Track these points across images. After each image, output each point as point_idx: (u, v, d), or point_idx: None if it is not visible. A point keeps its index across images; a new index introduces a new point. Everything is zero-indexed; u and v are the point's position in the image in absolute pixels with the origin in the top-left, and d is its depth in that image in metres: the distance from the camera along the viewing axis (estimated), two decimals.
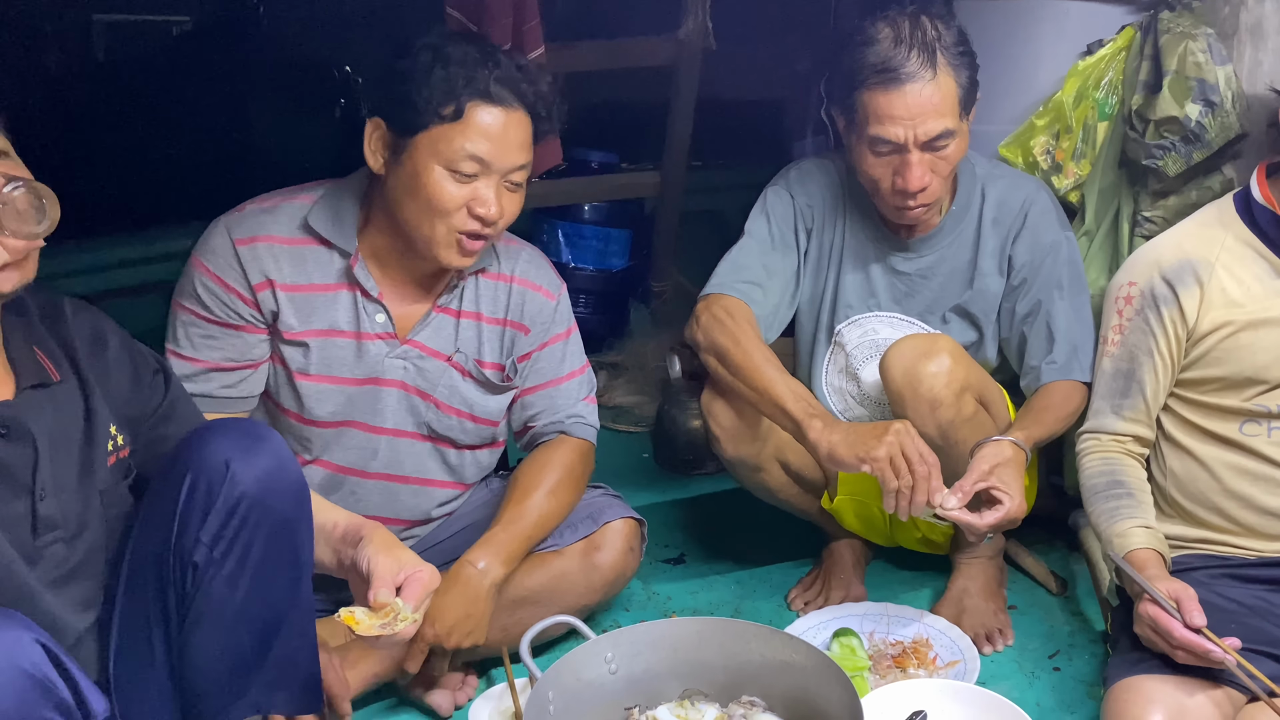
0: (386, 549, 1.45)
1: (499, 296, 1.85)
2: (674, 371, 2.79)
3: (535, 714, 1.44)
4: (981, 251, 1.97)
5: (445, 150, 1.63)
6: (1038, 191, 1.99)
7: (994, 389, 1.95)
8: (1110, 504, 1.74)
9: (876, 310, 2.02)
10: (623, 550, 1.89)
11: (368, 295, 1.76)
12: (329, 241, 1.75)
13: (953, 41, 1.81)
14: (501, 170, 1.66)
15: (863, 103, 1.81)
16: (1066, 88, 2.13)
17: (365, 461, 1.81)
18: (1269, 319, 1.68)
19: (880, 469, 1.69)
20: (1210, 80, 1.96)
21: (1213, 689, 1.53)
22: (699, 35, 2.88)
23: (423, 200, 1.66)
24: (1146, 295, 1.75)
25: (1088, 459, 1.81)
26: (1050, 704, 1.81)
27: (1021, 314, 1.96)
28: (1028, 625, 2.02)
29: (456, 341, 1.82)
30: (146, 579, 1.38)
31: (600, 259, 3.30)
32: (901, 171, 1.82)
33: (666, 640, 1.58)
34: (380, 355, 1.78)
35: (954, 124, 1.80)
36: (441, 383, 1.81)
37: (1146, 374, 1.76)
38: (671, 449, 2.73)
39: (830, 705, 1.46)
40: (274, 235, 1.73)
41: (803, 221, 2.02)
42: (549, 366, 1.91)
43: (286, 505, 1.39)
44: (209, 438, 1.38)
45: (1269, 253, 1.70)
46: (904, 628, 1.90)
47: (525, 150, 1.69)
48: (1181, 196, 2.03)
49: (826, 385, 2.09)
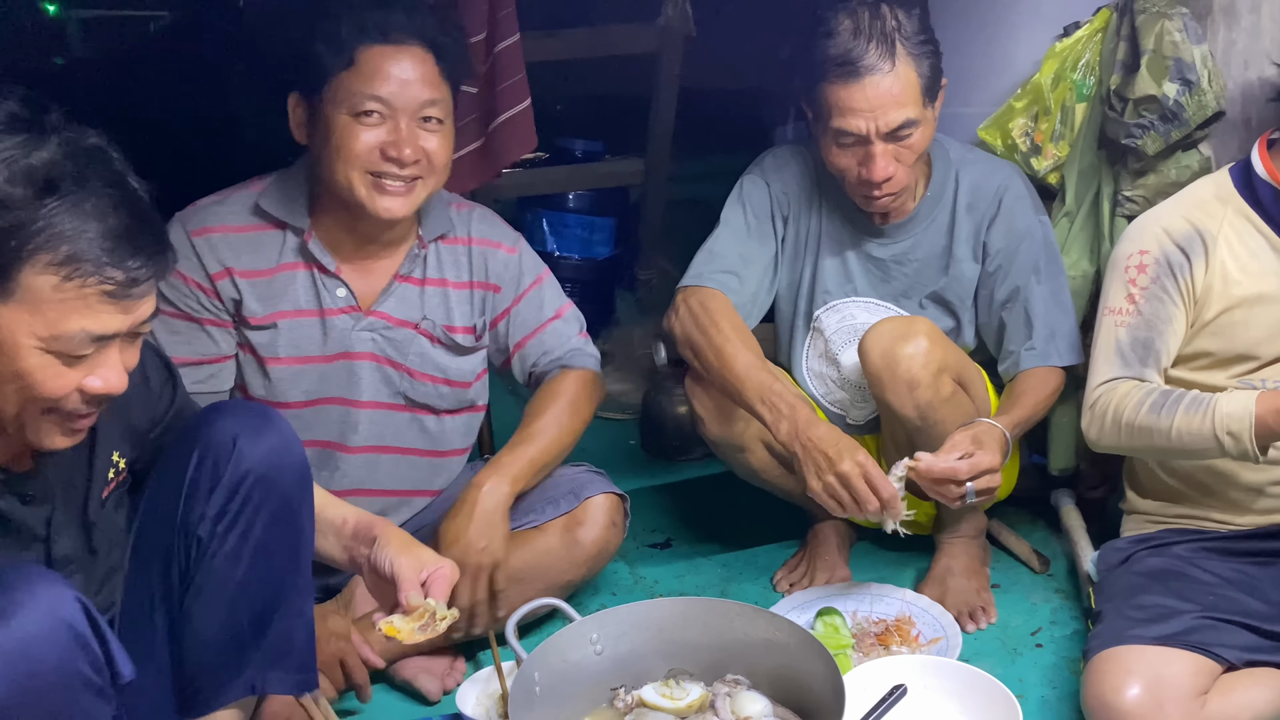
0: (405, 549, 1.47)
1: (460, 260, 1.88)
2: (660, 358, 2.80)
3: (521, 696, 1.46)
4: (956, 237, 1.98)
5: (346, 99, 1.66)
6: (1012, 177, 2.00)
7: (972, 369, 1.97)
8: (1187, 402, 1.63)
9: (854, 295, 2.03)
10: (605, 525, 1.90)
11: (325, 271, 1.78)
12: (282, 222, 1.78)
13: (913, 31, 1.82)
14: (408, 108, 1.68)
15: (825, 96, 1.83)
16: (1044, 69, 2.14)
17: (347, 436, 1.83)
18: (1264, 295, 1.69)
19: (819, 500, 1.75)
20: (1187, 59, 1.97)
21: (1190, 659, 1.55)
22: (680, 22, 2.89)
23: (336, 151, 1.69)
24: (1162, 263, 1.73)
25: (1118, 396, 1.70)
26: (1033, 680, 1.83)
27: (999, 300, 1.98)
28: (1011, 603, 2.03)
29: (423, 309, 1.84)
30: (152, 553, 1.41)
31: (585, 247, 3.31)
32: (866, 162, 1.83)
33: (651, 621, 1.59)
34: (347, 329, 1.80)
35: (916, 113, 1.82)
36: (412, 350, 1.83)
37: (1168, 341, 1.73)
38: (658, 435, 2.75)
39: (813, 682, 1.47)
40: (226, 224, 1.76)
41: (779, 209, 2.03)
42: (531, 315, 1.94)
43: (290, 485, 1.41)
44: (217, 416, 1.41)
45: (1267, 229, 1.71)
46: (887, 606, 1.92)
47: (431, 86, 1.69)
48: (1160, 175, 2.04)
49: (807, 370, 2.10)
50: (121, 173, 1.20)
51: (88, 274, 1.14)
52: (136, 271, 1.17)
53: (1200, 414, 1.61)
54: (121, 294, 1.17)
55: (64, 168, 1.15)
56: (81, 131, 1.19)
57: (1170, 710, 1.51)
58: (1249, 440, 1.58)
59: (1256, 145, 1.74)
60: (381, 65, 1.66)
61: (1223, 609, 1.63)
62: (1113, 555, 1.83)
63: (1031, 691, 1.80)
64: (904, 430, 1.91)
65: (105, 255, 1.15)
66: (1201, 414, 1.61)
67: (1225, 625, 1.61)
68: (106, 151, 1.20)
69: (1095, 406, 1.72)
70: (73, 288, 1.14)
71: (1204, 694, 1.55)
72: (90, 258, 1.14)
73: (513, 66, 2.25)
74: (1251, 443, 1.57)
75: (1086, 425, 1.74)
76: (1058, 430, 2.13)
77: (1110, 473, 2.13)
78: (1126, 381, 1.72)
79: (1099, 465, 2.16)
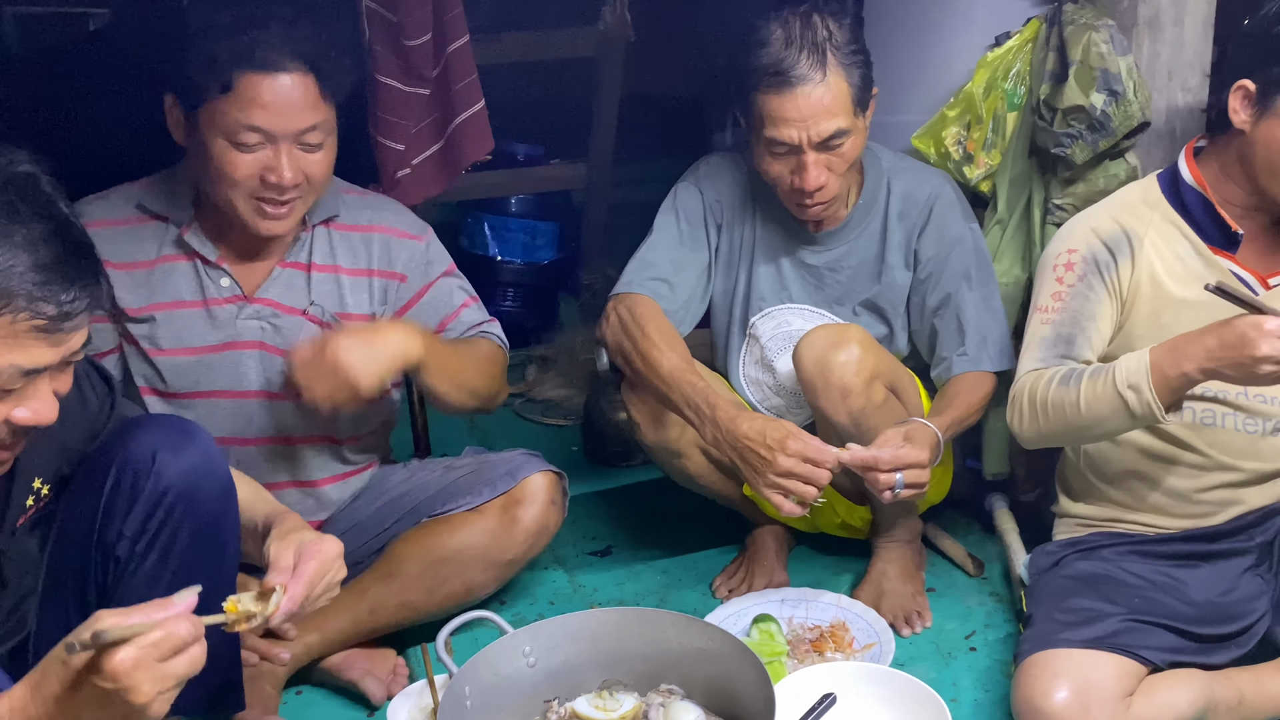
0: (283, 536, 1.41)
1: (359, 247, 1.85)
2: (602, 364, 2.77)
3: (451, 711, 1.44)
4: (888, 245, 2.00)
5: (222, 124, 1.64)
6: (942, 185, 2.02)
7: (905, 376, 1.99)
8: (1091, 370, 1.65)
9: (789, 302, 2.04)
10: (544, 503, 1.89)
11: (207, 261, 1.77)
12: (163, 216, 1.76)
13: (844, 40, 1.83)
14: (287, 134, 1.66)
15: (757, 105, 1.83)
16: (976, 79, 2.17)
17: (242, 428, 1.80)
18: (1188, 300, 1.71)
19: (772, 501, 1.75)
20: (1113, 70, 2.01)
21: (1116, 661, 1.58)
22: (619, 27, 2.89)
23: (214, 173, 1.67)
24: (1089, 261, 1.74)
25: (1032, 381, 1.71)
26: (966, 683, 1.85)
27: (931, 307, 2.00)
28: (945, 607, 2.06)
29: (310, 294, 1.82)
30: (68, 574, 1.37)
31: (527, 252, 3.29)
32: (798, 171, 1.85)
33: (585, 632, 1.59)
34: (231, 318, 1.78)
35: (848, 123, 1.83)
36: (299, 338, 1.80)
37: (1091, 336, 1.74)
38: (600, 441, 2.74)
39: (745, 690, 1.47)
40: (103, 218, 1.75)
41: (712, 216, 2.03)
42: (443, 302, 1.92)
43: (212, 501, 1.38)
44: (136, 432, 1.37)
45: (1193, 234, 1.74)
46: (822, 612, 1.93)
47: (311, 110, 1.66)
48: (1089, 184, 2.07)
49: (744, 377, 2.11)
50: (54, 200, 1.16)
51: (18, 309, 1.11)
52: (69, 305, 1.14)
53: (1103, 377, 1.61)
54: (53, 328, 1.14)
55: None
56: (12, 154, 1.15)
57: (1096, 713, 1.54)
58: (1148, 390, 1.57)
59: (1183, 153, 1.78)
60: (260, 93, 1.62)
61: (1148, 611, 1.66)
62: (1044, 559, 1.85)
63: (965, 695, 1.82)
64: (838, 437, 1.92)
65: (36, 289, 1.11)
66: (1104, 377, 1.61)
67: (1150, 627, 1.64)
68: (38, 178, 1.16)
69: (1015, 398, 1.74)
70: (3, 324, 1.11)
71: (1129, 695, 1.58)
72: (21, 293, 1.10)
73: (465, 67, 2.23)
74: (1151, 392, 1.56)
75: (1010, 417, 1.75)
76: (991, 435, 2.16)
77: (1043, 477, 2.16)
78: (1040, 371, 1.73)
79: (1032, 469, 2.19)
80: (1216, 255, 1.73)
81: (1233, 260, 1.73)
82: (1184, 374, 1.56)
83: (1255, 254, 1.75)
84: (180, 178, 1.79)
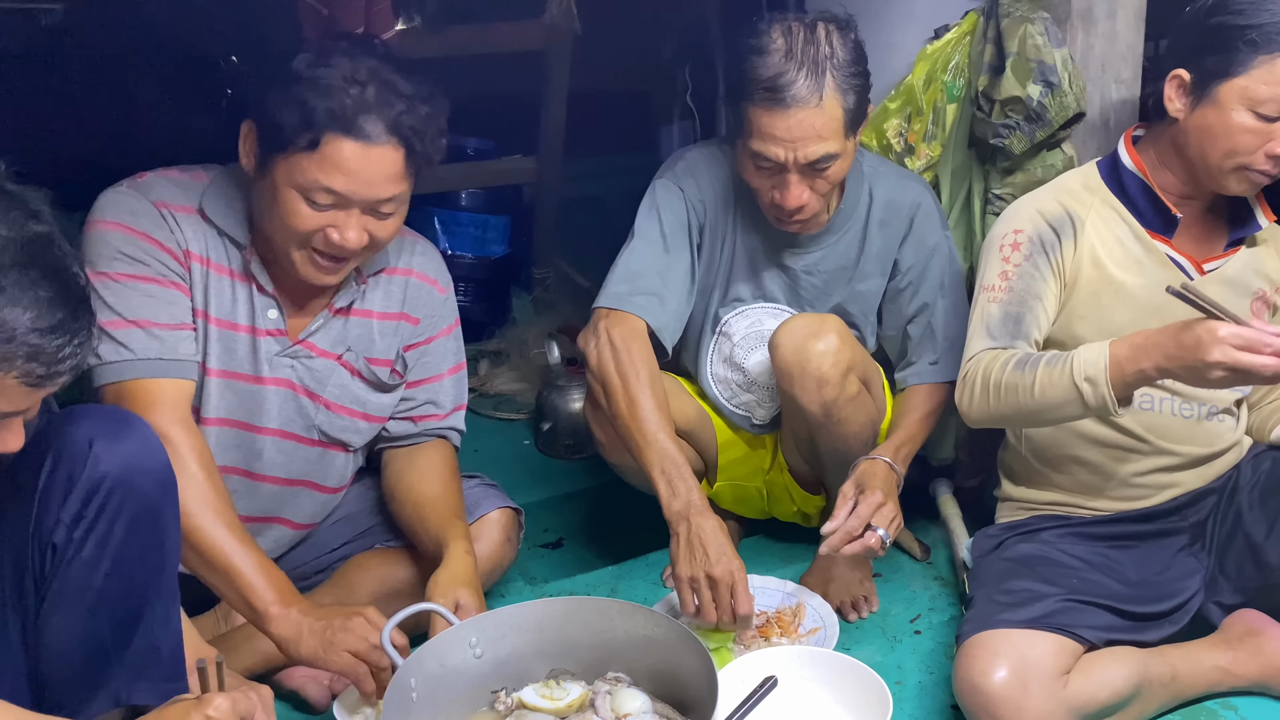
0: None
1: (392, 291, 1.82)
2: (553, 357, 2.80)
3: (397, 702, 1.44)
4: (866, 252, 1.99)
5: (299, 179, 1.58)
6: (923, 194, 2.02)
7: (874, 370, 2.01)
8: (1048, 357, 1.64)
9: (764, 302, 2.03)
10: (500, 541, 1.89)
11: (262, 290, 1.71)
12: (222, 230, 1.70)
13: (846, 60, 1.77)
14: (362, 203, 1.60)
15: (749, 116, 1.78)
16: (916, 71, 2.19)
17: (249, 462, 1.76)
18: (1128, 283, 1.75)
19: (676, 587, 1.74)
20: (1049, 62, 2.04)
21: (1053, 640, 1.61)
22: (565, 20, 2.89)
23: (279, 219, 1.62)
24: (1035, 241, 1.75)
25: (985, 362, 1.71)
26: (910, 666, 1.88)
27: (908, 315, 2.01)
28: (891, 591, 2.09)
29: (347, 340, 1.78)
30: (3, 564, 1.35)
31: (479, 246, 3.28)
32: (780, 188, 1.82)
33: (532, 621, 1.59)
34: (270, 353, 1.73)
35: (837, 147, 1.79)
36: (331, 382, 1.77)
37: (1039, 316, 1.74)
38: (552, 435, 2.74)
39: (690, 676, 1.49)
40: (184, 205, 1.68)
41: (694, 215, 1.97)
42: (436, 360, 1.89)
43: (151, 489, 1.36)
44: (72, 420, 1.35)
45: (1132, 219, 1.77)
46: (769, 598, 1.95)
47: (391, 183, 1.60)
48: (1027, 174, 2.11)
49: (710, 374, 2.09)
50: (65, 261, 1.19)
51: (11, 366, 1.14)
52: (60, 365, 1.17)
53: (1060, 366, 1.62)
54: (41, 383, 1.17)
55: (8, 258, 1.13)
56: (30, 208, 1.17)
57: (1034, 690, 1.57)
58: (1105, 384, 1.57)
59: (1123, 139, 1.82)
60: (346, 160, 1.55)
61: (1085, 591, 1.69)
62: (986, 542, 1.88)
63: (909, 677, 1.85)
64: (806, 426, 1.93)
65: (33, 349, 1.15)
66: (1061, 365, 1.61)
67: (1087, 607, 1.67)
68: (52, 238, 1.18)
69: (966, 377, 1.73)
70: None
71: (1066, 673, 1.61)
72: (20, 353, 1.14)
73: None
74: (1108, 386, 1.57)
75: (958, 396, 1.74)
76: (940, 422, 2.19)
77: (986, 462, 2.20)
78: (995, 351, 1.72)
79: (976, 455, 2.23)
80: (1154, 240, 1.77)
81: (1169, 245, 1.77)
82: (1140, 371, 1.57)
83: (1190, 240, 1.79)
84: (235, 190, 1.71)
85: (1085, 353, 1.61)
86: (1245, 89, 1.64)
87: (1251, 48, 1.64)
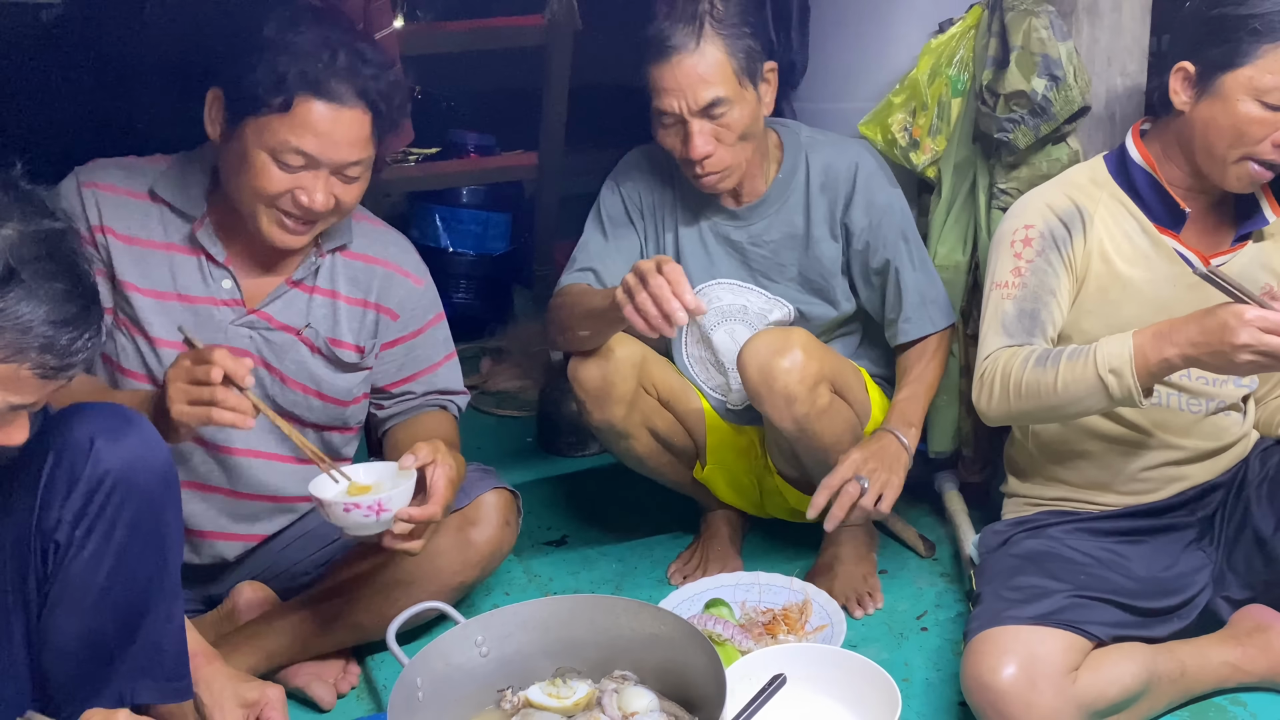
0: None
1: (359, 277, 1.83)
2: (556, 354, 2.79)
3: (402, 701, 1.43)
4: (813, 218, 2.02)
5: (270, 140, 1.62)
6: (862, 153, 2.04)
7: (850, 372, 2.01)
8: (1069, 352, 1.63)
9: (717, 278, 2.06)
10: (498, 524, 1.87)
11: (213, 260, 1.74)
12: (174, 205, 1.74)
13: (726, 14, 1.87)
14: (330, 165, 1.65)
15: (648, 78, 1.89)
16: (921, 65, 2.19)
17: (213, 434, 1.77)
18: (1135, 278, 1.74)
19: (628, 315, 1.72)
20: (1054, 55, 2.03)
21: (1061, 636, 1.60)
22: (566, 16, 2.88)
23: (247, 181, 1.65)
24: (1047, 236, 1.75)
25: (1004, 361, 1.69)
26: (917, 663, 1.87)
27: (873, 272, 2.03)
28: (897, 588, 2.08)
29: (308, 316, 1.80)
30: (6, 562, 1.35)
31: (480, 243, 3.27)
32: (685, 140, 1.88)
33: (537, 620, 1.59)
34: (224, 322, 1.75)
35: (727, 92, 1.85)
36: (289, 357, 1.79)
37: (1053, 311, 1.74)
38: (555, 431, 2.74)
39: (697, 674, 1.48)
40: (121, 188, 1.72)
41: (633, 207, 2.07)
42: (428, 352, 1.90)
43: (153, 486, 1.36)
44: (74, 418, 1.36)
45: (1140, 213, 1.76)
46: (775, 596, 1.94)
47: (359, 146, 1.66)
48: (1032, 168, 2.10)
49: (688, 357, 2.12)
50: (77, 255, 1.22)
51: (25, 359, 1.17)
52: (72, 358, 1.20)
53: (1082, 360, 1.61)
54: (53, 375, 1.20)
55: (26, 252, 1.16)
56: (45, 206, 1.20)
57: (1043, 687, 1.56)
58: (1130, 375, 1.56)
59: (1130, 133, 1.81)
60: (317, 121, 1.61)
61: (1093, 587, 1.68)
62: (992, 538, 1.87)
63: (916, 674, 1.84)
64: (785, 438, 1.95)
65: (47, 343, 1.18)
66: (1083, 360, 1.60)
67: (1095, 603, 1.66)
68: (66, 234, 1.21)
69: (984, 376, 1.72)
70: (7, 369, 1.17)
71: (1075, 670, 1.60)
72: (34, 346, 1.17)
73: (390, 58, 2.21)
74: (1133, 377, 1.55)
75: (976, 396, 1.72)
76: (936, 414, 2.18)
77: (991, 457, 2.19)
78: (1012, 349, 1.72)
79: (980, 449, 2.22)
80: (1162, 234, 1.76)
81: (1177, 239, 1.77)
82: (1165, 359, 1.56)
83: (1197, 234, 1.78)
84: (195, 168, 1.76)
85: (1108, 345, 1.60)
86: (1250, 79, 1.64)
87: (1255, 37, 1.63)
